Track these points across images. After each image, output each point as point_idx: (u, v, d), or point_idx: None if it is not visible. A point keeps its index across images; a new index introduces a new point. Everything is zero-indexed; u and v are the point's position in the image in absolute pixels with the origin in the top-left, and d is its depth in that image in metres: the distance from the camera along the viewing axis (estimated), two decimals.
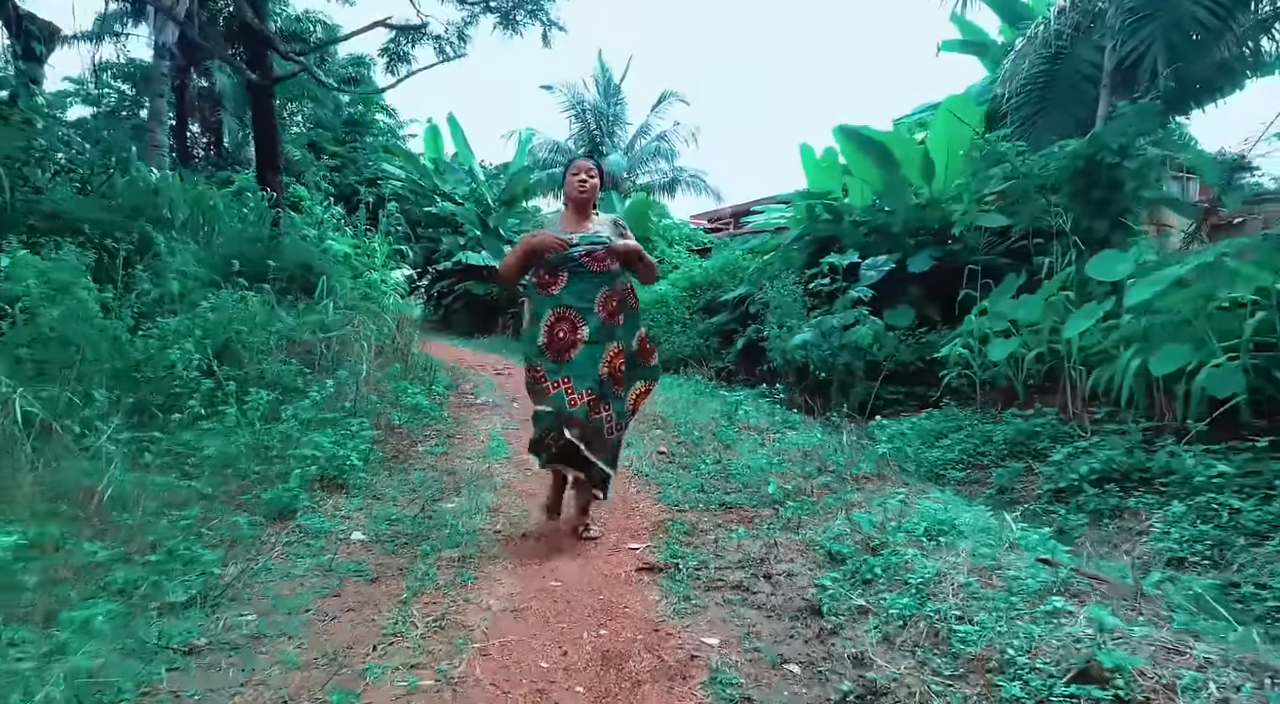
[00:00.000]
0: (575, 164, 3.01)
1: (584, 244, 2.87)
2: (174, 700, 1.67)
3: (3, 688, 1.58)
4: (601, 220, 3.03)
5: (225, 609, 2.09)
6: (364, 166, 17.78)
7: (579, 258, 2.87)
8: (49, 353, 3.41)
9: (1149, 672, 1.53)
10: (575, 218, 2.99)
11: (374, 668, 1.83)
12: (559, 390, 2.83)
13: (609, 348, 2.90)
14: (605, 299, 2.91)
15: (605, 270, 2.92)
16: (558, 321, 2.88)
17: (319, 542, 2.73)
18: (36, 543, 2.18)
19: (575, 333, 2.86)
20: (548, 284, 2.91)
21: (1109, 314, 4.05)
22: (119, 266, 4.50)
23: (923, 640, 1.90)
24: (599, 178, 3.02)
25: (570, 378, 2.83)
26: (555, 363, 2.85)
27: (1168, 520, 2.90)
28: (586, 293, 2.89)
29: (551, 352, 2.87)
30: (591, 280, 2.89)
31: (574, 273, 2.88)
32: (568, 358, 2.85)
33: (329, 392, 4.03)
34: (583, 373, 2.84)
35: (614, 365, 2.92)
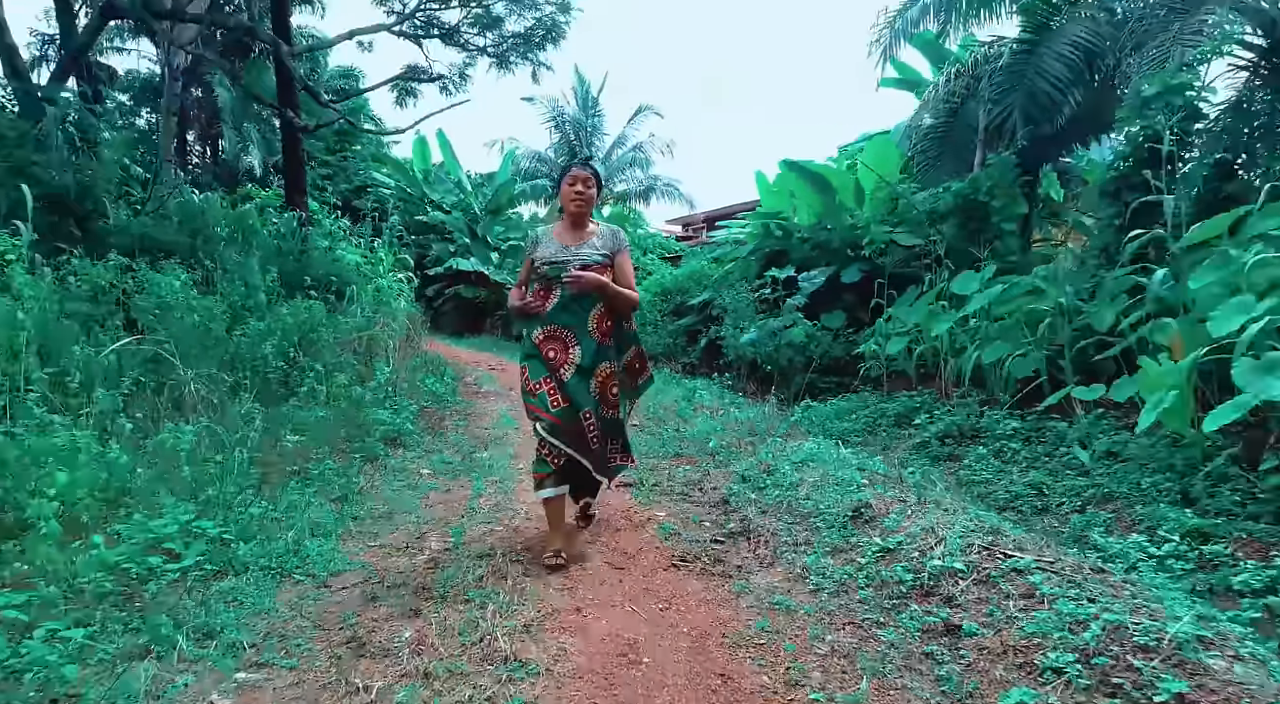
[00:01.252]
0: (572, 173, 2.91)
1: (575, 259, 2.83)
2: (361, 535, 3.06)
3: (268, 528, 2.95)
4: (599, 231, 2.95)
5: (366, 500, 3.48)
6: (354, 175, 18.98)
7: (570, 275, 2.81)
8: (181, 347, 4.73)
9: (882, 507, 3.00)
10: (572, 229, 2.91)
11: (460, 528, 3.22)
12: (561, 406, 2.80)
13: (600, 370, 2.87)
14: (599, 318, 2.87)
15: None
16: (547, 340, 2.84)
17: (401, 474, 4.12)
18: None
19: (566, 354, 2.83)
20: (541, 300, 2.88)
21: (965, 318, 5.57)
22: (208, 279, 5.83)
23: (782, 510, 3.35)
24: (597, 185, 2.96)
25: (570, 395, 2.82)
26: (555, 378, 2.82)
27: (974, 458, 4.39)
28: (578, 311, 2.84)
29: (548, 368, 2.83)
30: (582, 298, 2.84)
31: (566, 288, 2.83)
32: (562, 378, 2.82)
33: (384, 378, 5.41)
34: (580, 394, 2.82)
35: (606, 387, 2.89)
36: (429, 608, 2.32)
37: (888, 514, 2.93)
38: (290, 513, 3.09)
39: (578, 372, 2.82)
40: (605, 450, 2.95)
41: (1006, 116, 6.41)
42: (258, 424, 4.08)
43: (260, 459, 3.60)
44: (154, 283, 4.91)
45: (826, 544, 2.87)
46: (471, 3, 8.70)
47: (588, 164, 2.99)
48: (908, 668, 1.97)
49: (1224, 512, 2.97)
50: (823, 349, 7.45)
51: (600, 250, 2.88)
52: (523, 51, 9.06)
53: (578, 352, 2.83)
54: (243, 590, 2.36)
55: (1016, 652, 1.90)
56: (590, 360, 2.83)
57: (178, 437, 3.22)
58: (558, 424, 2.78)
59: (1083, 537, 3.07)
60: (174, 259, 5.80)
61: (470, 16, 8.64)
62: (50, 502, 2.20)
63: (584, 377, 2.83)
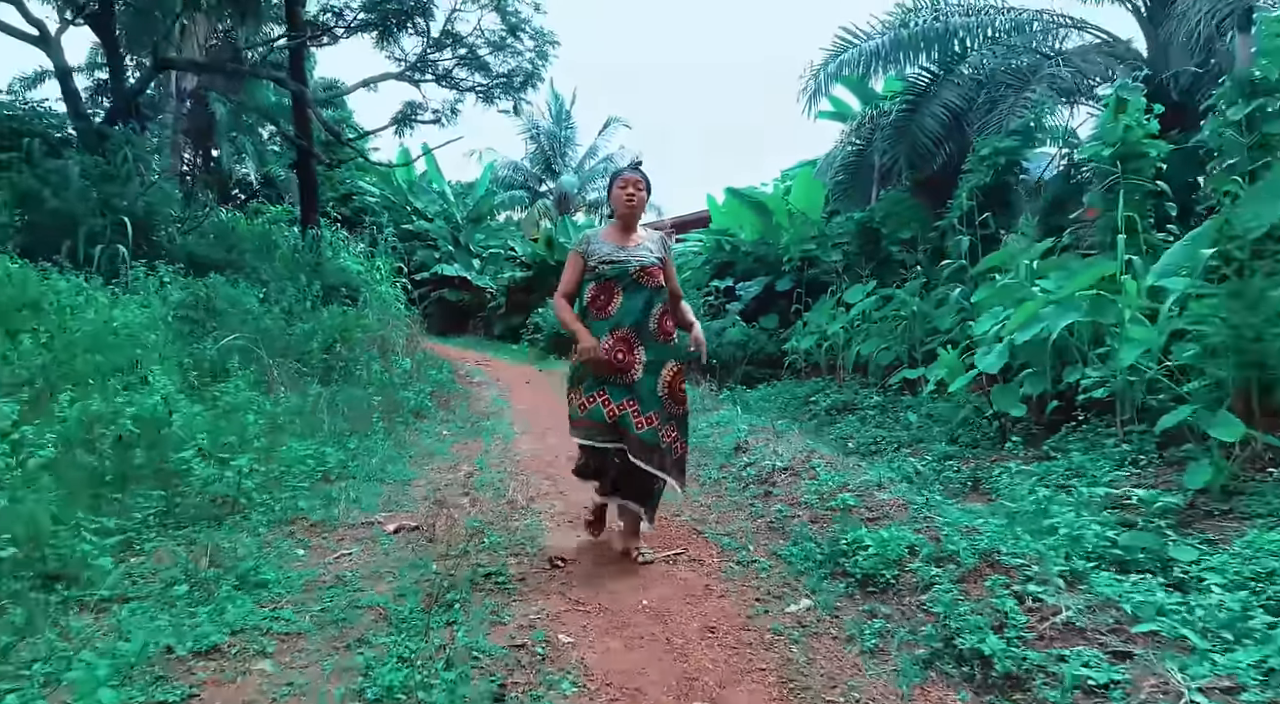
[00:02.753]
0: (622, 177, 2.97)
1: (634, 259, 2.88)
2: (417, 465, 4.76)
3: (360, 456, 4.61)
4: (649, 234, 3.04)
5: (413, 448, 5.18)
6: (339, 184, 20.42)
7: (633, 273, 2.87)
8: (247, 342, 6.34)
9: (753, 443, 4.78)
10: (622, 232, 2.97)
11: (481, 460, 4.91)
12: (625, 412, 2.82)
13: (668, 368, 2.91)
14: (661, 317, 2.93)
15: (659, 286, 2.94)
16: (616, 343, 2.85)
17: (430, 434, 5.80)
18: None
19: (633, 354, 2.86)
20: (603, 305, 2.90)
21: (852, 321, 7.41)
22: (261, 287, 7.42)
23: (696, 449, 5.12)
24: (647, 189, 2.98)
25: (635, 401, 2.83)
26: (617, 387, 2.84)
27: (845, 423, 6.19)
28: (643, 311, 2.88)
29: (613, 375, 2.84)
30: (646, 298, 2.89)
31: (629, 289, 2.88)
32: (631, 380, 2.84)
33: (405, 368, 7.07)
34: (646, 397, 2.84)
35: (674, 385, 2.91)
36: (474, 493, 4.04)
37: (755, 447, 4.72)
38: (369, 451, 4.77)
39: (645, 370, 2.85)
40: (675, 455, 2.93)
41: (895, 162, 8.28)
42: (324, 397, 5.73)
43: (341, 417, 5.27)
44: (225, 292, 6.52)
45: (717, 463, 4.64)
46: (461, 49, 10.36)
47: (638, 168, 3.02)
48: (737, 508, 3.74)
49: (968, 444, 4.81)
50: (759, 345, 9.26)
51: (654, 253, 2.96)
52: (505, 91, 10.75)
53: (643, 352, 2.87)
54: (357, 486, 4.04)
55: (793, 501, 3.67)
56: (656, 357, 2.88)
57: (290, 401, 4.88)
58: (616, 441, 2.86)
59: (891, 462, 4.88)
60: (225, 271, 7.39)
61: (459, 60, 10.31)
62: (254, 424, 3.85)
63: (652, 375, 2.86)
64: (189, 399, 3.96)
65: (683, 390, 2.96)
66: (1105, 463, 3.73)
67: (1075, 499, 3.08)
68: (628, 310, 2.87)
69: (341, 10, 9.74)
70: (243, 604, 2.35)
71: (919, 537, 2.74)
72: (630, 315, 2.87)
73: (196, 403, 3.94)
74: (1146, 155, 5.06)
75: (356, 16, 9.79)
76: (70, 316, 4.02)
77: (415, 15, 9.94)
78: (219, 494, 3.29)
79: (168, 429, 3.41)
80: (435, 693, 1.86)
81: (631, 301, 2.88)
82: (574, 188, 22.40)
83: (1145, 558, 2.58)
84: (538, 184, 23.94)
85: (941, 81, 8.43)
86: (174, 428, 3.46)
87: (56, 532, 2.51)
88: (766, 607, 2.53)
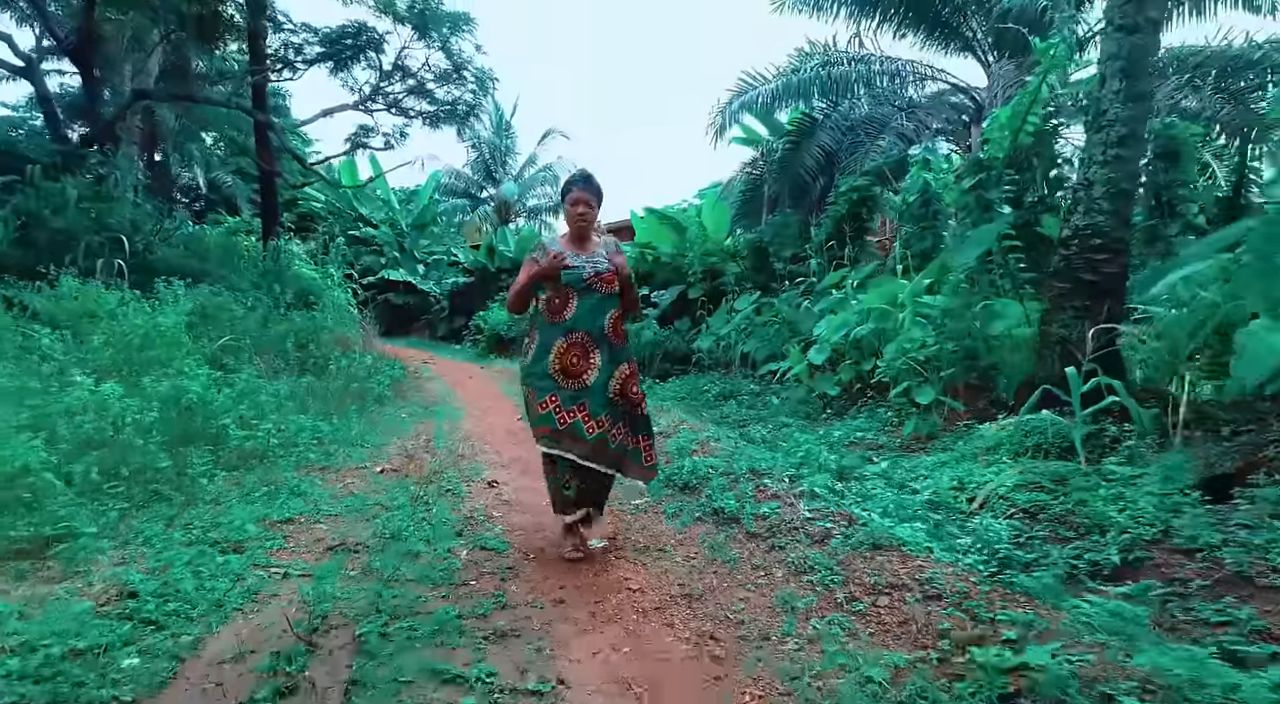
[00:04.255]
0: (573, 194, 3.06)
1: (589, 265, 3.01)
2: (386, 436, 6.30)
3: (342, 428, 6.11)
4: (603, 241, 3.18)
5: (379, 423, 6.70)
6: (283, 189, 21.38)
7: (587, 279, 2.98)
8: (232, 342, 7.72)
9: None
10: (579, 239, 3.09)
11: (440, 431, 6.46)
12: (575, 419, 2.96)
13: (620, 371, 3.06)
14: (615, 320, 3.06)
15: (613, 293, 3.06)
16: (570, 347, 2.97)
17: (391, 416, 7.31)
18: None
19: (587, 359, 2.98)
20: (558, 309, 3.02)
21: (740, 325, 9.22)
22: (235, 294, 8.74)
23: None
24: (598, 200, 3.10)
25: (586, 405, 2.97)
26: (570, 391, 2.97)
27: (729, 407, 7.95)
28: (596, 315, 3.01)
29: (565, 380, 2.97)
30: (600, 302, 3.01)
31: (583, 295, 2.99)
32: (583, 384, 2.97)
33: (369, 362, 8.53)
34: (596, 399, 2.98)
35: (627, 387, 3.07)
36: (433, 451, 5.61)
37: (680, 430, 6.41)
38: (348, 426, 6.27)
39: (599, 373, 2.99)
40: (638, 448, 3.16)
41: (781, 191, 10.16)
42: (304, 385, 7.18)
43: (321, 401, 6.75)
44: (213, 300, 7.87)
45: None
46: (410, 80, 11.82)
47: (589, 182, 3.11)
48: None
49: (802, 416, 6.61)
50: (674, 344, 11.02)
51: (608, 260, 3.10)
52: (449, 118, 12.24)
53: (597, 355, 2.99)
54: (346, 448, 5.54)
55: (660, 449, 5.37)
56: (609, 361, 3.02)
57: (282, 388, 6.33)
58: (577, 444, 2.98)
59: (745, 429, 6.63)
60: (204, 280, 8.70)
61: (408, 90, 11.77)
62: (267, 402, 5.33)
63: (604, 377, 3.00)
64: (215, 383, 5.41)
65: (636, 391, 3.13)
66: (873, 422, 5.57)
67: (827, 440, 4.89)
68: (581, 315, 3.00)
69: (301, 46, 11.06)
70: (297, 502, 3.91)
71: (719, 462, 4.48)
72: (584, 320, 3.00)
73: (222, 386, 5.39)
74: (940, 200, 6.98)
75: (314, 51, 11.13)
76: (121, 321, 5.41)
77: (368, 49, 11.35)
78: (253, 449, 4.78)
79: (213, 403, 4.88)
80: (422, 531, 3.47)
81: (585, 306, 3.01)
82: (514, 195, 23.85)
83: (850, 470, 4.38)
84: (479, 190, 25.31)
85: (819, 125, 10.36)
86: (215, 403, 4.93)
87: (166, 466, 4.00)
88: (622, 503, 4.21)
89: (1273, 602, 2.41)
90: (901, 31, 11.18)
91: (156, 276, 8.12)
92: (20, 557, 2.83)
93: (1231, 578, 2.59)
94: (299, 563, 3.07)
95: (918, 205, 7.06)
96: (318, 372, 7.93)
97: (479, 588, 2.85)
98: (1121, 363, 4.19)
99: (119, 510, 3.41)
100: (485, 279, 15.52)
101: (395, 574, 2.91)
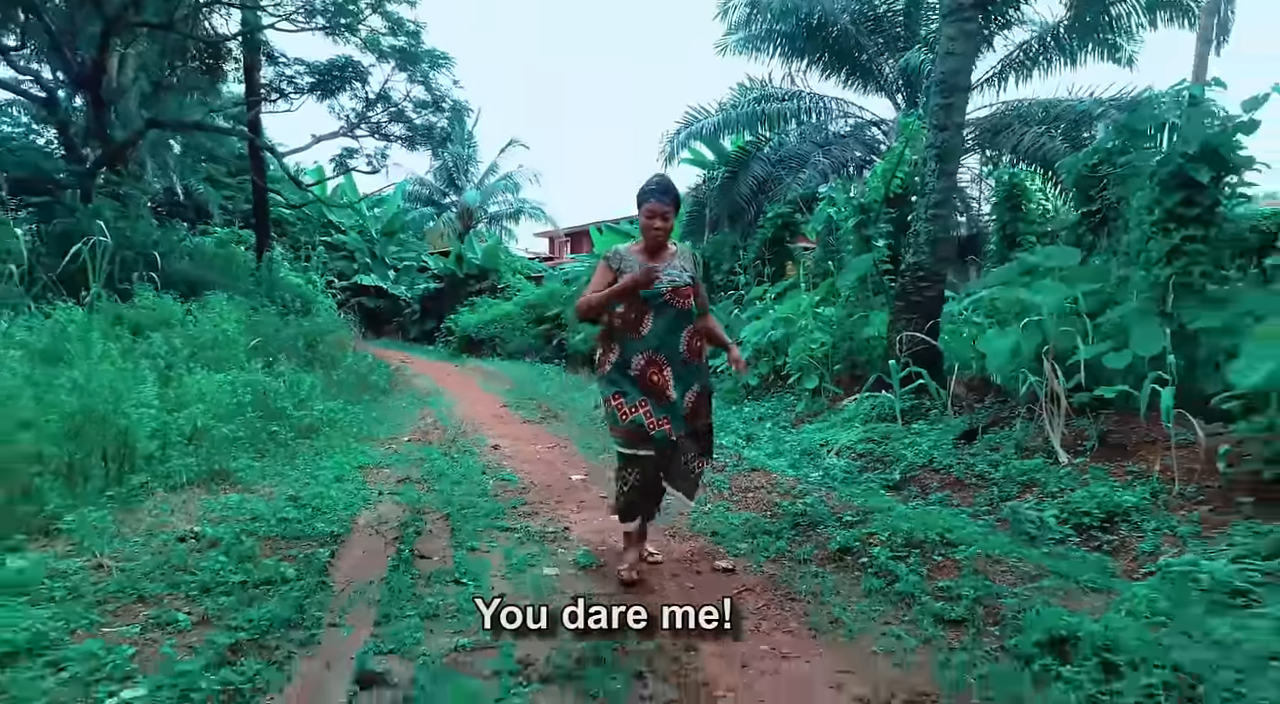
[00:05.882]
0: (648, 206, 3.00)
1: (666, 279, 2.97)
2: (397, 421, 7.98)
3: (356, 414, 7.77)
4: (679, 250, 3.15)
5: (389, 409, 8.37)
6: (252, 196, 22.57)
7: (665, 295, 2.96)
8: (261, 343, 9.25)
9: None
10: (652, 249, 3.06)
11: (444, 416, 8.15)
12: (662, 427, 2.95)
13: (691, 390, 3.06)
14: (690, 338, 3.04)
15: (689, 308, 3.05)
16: (649, 364, 2.96)
17: (394, 404, 8.96)
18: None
19: (663, 374, 2.96)
20: (634, 324, 2.99)
21: None
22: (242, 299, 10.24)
23: (568, 406, 8.59)
24: (676, 208, 3.06)
25: (669, 419, 2.96)
26: (656, 404, 2.96)
27: None
28: (672, 332, 2.99)
29: (651, 394, 2.96)
30: (676, 319, 3.00)
31: (660, 311, 2.97)
32: (668, 400, 2.96)
33: (368, 360, 10.14)
34: (677, 415, 2.99)
35: (699, 405, 3.09)
36: (442, 427, 7.31)
37: None
38: (366, 410, 7.91)
39: (676, 390, 2.98)
40: (700, 470, 3.19)
41: (720, 214, 12.09)
42: (322, 378, 8.78)
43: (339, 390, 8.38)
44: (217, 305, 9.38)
45: (593, 420, 8.15)
46: (391, 107, 13.43)
47: (666, 192, 3.05)
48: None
49: (730, 401, 8.51)
50: None
51: (687, 270, 3.07)
52: (426, 141, 13.87)
53: (671, 372, 2.97)
54: (372, 426, 7.19)
55: None
56: (686, 376, 3.02)
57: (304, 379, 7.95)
58: (660, 450, 2.96)
59: None
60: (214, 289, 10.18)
61: (389, 117, 13.38)
62: (308, 388, 6.96)
63: (681, 394, 3.00)
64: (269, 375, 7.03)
65: (706, 411, 3.15)
66: (780, 404, 7.50)
67: (741, 416, 6.79)
68: (658, 332, 2.95)
69: (293, 77, 12.56)
70: (362, 457, 5.60)
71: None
72: (660, 339, 2.96)
73: (275, 378, 7.02)
74: (842, 231, 8.97)
75: (306, 81, 12.65)
76: (190, 327, 6.97)
77: (354, 80, 12.92)
78: (309, 424, 6.42)
79: (276, 391, 6.50)
80: (458, 470, 5.23)
81: (662, 322, 2.97)
82: (476, 202, 25.42)
83: (754, 434, 6.26)
84: (442, 197, 26.78)
85: (753, 157, 12.33)
86: (277, 391, 6.55)
87: (271, 432, 5.62)
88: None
89: (966, 489, 4.36)
90: (827, 72, 13.29)
91: (174, 287, 9.63)
92: (215, 478, 4.49)
93: (954, 482, 4.54)
94: (385, 487, 4.79)
95: (824, 234, 9.05)
96: (327, 367, 9.52)
97: (505, 498, 4.61)
98: (938, 358, 6.17)
99: (250, 457, 5.07)
100: (455, 284, 17.11)
101: (452, 493, 4.66)
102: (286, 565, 3.12)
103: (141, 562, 3.12)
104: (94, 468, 4.02)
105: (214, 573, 2.98)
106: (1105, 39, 11.71)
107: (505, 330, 15.67)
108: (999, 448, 4.73)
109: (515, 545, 3.62)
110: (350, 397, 8.38)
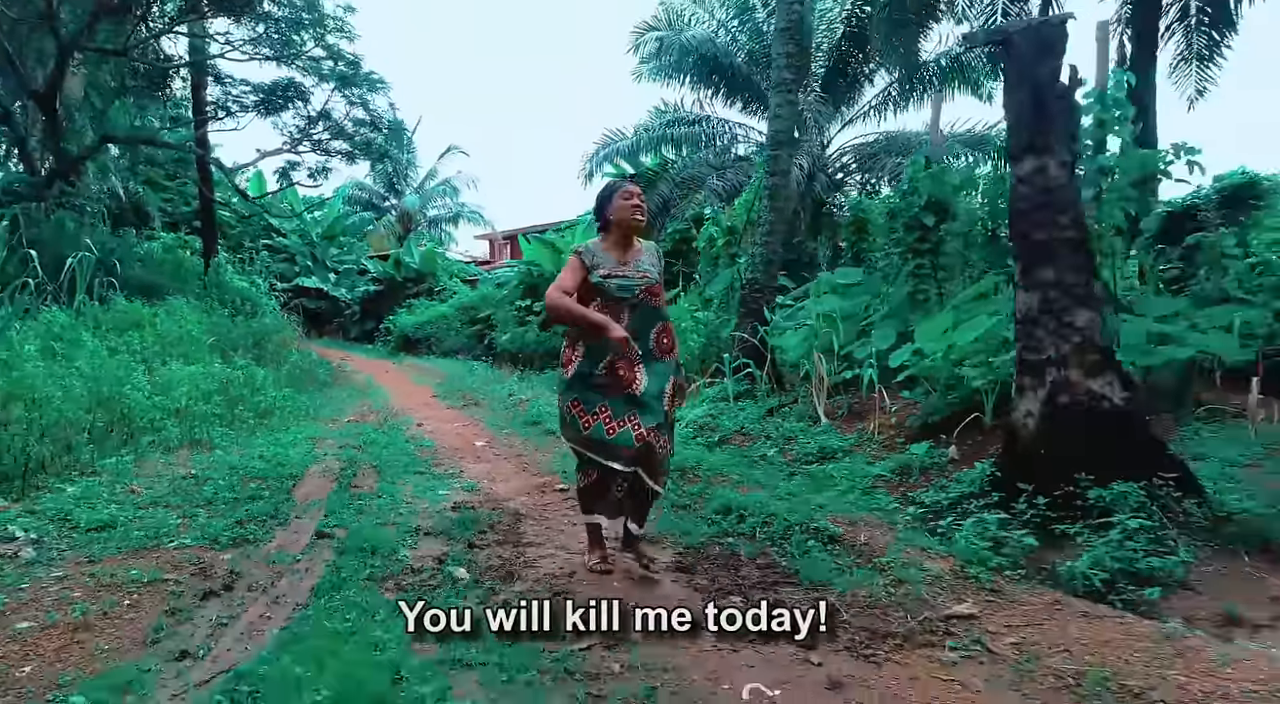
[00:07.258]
0: (626, 189, 3.11)
1: (638, 276, 3.03)
2: (339, 408, 9.49)
3: (306, 400, 9.25)
4: (645, 247, 3.19)
5: (332, 398, 9.87)
6: (192, 199, 23.41)
7: (640, 294, 3.03)
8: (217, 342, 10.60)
9: (530, 395, 10.00)
10: (622, 245, 3.09)
11: (380, 405, 9.67)
12: (625, 428, 2.96)
13: (669, 383, 3.12)
14: (658, 336, 3.10)
15: (659, 306, 3.14)
16: (619, 362, 2.97)
17: (336, 395, 10.44)
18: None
19: (633, 371, 2.99)
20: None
21: None
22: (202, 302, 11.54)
23: (501, 400, 10.21)
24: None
25: (637, 414, 2.98)
26: (620, 400, 2.98)
27: None
28: (643, 330, 3.04)
29: (615, 390, 2.99)
30: (646, 317, 3.06)
31: (634, 309, 3.03)
32: (632, 393, 2.98)
33: (312, 356, 11.57)
34: (649, 407, 3.01)
35: (673, 397, 3.14)
36: (378, 411, 8.86)
37: (530, 400, 9.89)
38: (311, 399, 9.38)
39: (649, 382, 3.02)
40: (664, 463, 3.19)
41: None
42: (271, 372, 10.19)
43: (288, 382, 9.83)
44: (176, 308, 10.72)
45: (506, 406, 9.78)
46: (332, 125, 14.82)
47: (633, 180, 3.05)
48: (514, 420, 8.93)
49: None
50: (551, 345, 14.51)
51: (655, 267, 3.14)
52: (365, 156, 15.28)
53: (643, 369, 3.02)
54: (317, 410, 8.69)
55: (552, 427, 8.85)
56: (659, 371, 3.08)
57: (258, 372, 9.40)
58: (627, 453, 2.96)
59: None
60: (167, 292, 11.47)
61: (330, 134, 14.76)
62: (262, 379, 8.43)
63: (656, 385, 3.05)
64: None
65: (676, 404, 3.19)
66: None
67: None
68: (631, 331, 2.96)
69: (239, 96, 13.85)
70: (312, 431, 7.15)
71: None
72: (634, 336, 2.96)
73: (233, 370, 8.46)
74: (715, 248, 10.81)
75: (251, 100, 13.95)
76: (158, 327, 8.36)
77: (296, 99, 14.26)
78: (265, 408, 7.89)
79: (234, 380, 7.95)
80: (386, 440, 6.83)
81: (637, 322, 3.01)
82: (415, 206, 26.69)
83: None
84: (382, 201, 27.96)
85: (660, 177, 14.13)
86: (235, 380, 8.01)
87: (238, 412, 7.10)
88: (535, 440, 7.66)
89: (755, 443, 6.18)
90: (730, 100, 15.19)
91: (131, 292, 10.88)
92: (197, 444, 6.01)
93: (751, 438, 6.35)
94: (330, 451, 6.36)
95: (706, 250, 10.88)
96: (275, 363, 10.94)
97: (422, 457, 6.23)
98: (768, 352, 8.00)
99: (221, 429, 6.57)
100: (394, 287, 18.46)
101: (381, 453, 6.25)
102: (263, 488, 4.72)
103: (160, 489, 4.67)
104: (109, 434, 5.51)
105: (214, 492, 4.56)
106: (969, 78, 13.89)
107: (440, 330, 17.15)
108: (788, 418, 6.57)
109: (423, 481, 5.28)
110: (298, 387, 9.85)
